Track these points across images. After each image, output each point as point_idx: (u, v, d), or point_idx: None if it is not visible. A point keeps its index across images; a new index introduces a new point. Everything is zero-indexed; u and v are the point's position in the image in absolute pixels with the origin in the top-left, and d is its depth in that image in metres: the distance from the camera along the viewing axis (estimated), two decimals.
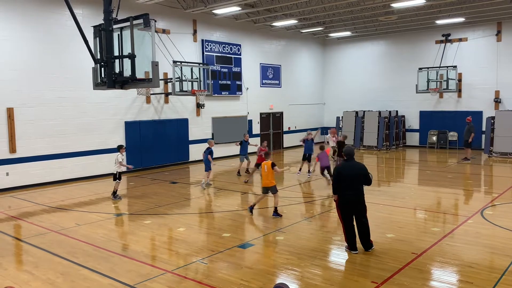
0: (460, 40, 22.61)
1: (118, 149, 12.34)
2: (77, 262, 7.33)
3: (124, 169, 12.46)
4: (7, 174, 13.69)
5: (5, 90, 13.52)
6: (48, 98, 14.52)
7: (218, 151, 20.48)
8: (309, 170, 15.37)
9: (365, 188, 7.64)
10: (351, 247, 7.52)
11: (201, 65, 17.63)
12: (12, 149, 13.73)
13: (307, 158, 15.60)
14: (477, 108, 22.20)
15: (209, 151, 13.90)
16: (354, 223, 7.56)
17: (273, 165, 9.78)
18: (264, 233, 8.80)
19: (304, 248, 7.80)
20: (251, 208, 10.25)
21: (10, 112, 13.64)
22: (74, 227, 9.48)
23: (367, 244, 7.53)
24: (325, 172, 13.69)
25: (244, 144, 16.01)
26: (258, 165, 14.19)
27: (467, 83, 22.47)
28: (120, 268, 7.01)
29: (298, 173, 15.60)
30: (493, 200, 11.36)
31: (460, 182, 14.34)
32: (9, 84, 13.59)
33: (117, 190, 12.27)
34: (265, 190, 10.11)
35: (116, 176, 12.17)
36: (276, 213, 9.92)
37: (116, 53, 7.89)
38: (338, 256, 7.48)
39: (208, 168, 13.83)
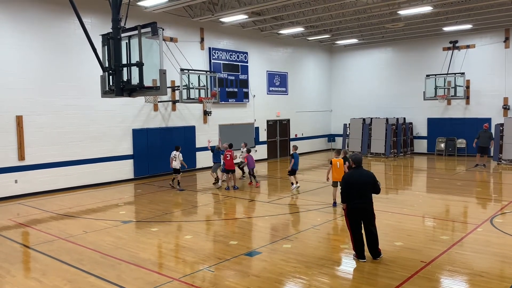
0: (467, 47, 22.53)
1: (177, 149, 14.73)
2: (85, 269, 7.34)
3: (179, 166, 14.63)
4: (16, 181, 13.79)
5: (15, 98, 13.66)
6: (57, 106, 14.65)
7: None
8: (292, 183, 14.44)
9: (373, 196, 7.59)
10: (359, 255, 7.46)
11: (208, 72, 17.71)
12: (21, 157, 13.85)
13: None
14: (486, 115, 22.05)
15: (222, 152, 15.06)
16: (362, 231, 7.50)
17: (345, 161, 11.17)
18: (272, 241, 8.76)
19: (312, 256, 7.75)
20: (335, 204, 11.42)
21: (19, 120, 13.77)
22: (81, 235, 9.51)
23: (375, 253, 7.47)
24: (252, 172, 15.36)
25: (217, 153, 15.67)
26: (227, 171, 14.65)
27: (475, 90, 22.34)
28: (127, 275, 7.01)
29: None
30: (503, 208, 11.24)
31: (469, 189, 14.21)
32: (18, 92, 13.73)
33: (179, 181, 14.78)
34: (336, 184, 11.28)
35: (179, 171, 14.64)
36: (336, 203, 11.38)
37: (124, 61, 7.97)
38: (346, 264, 7.43)
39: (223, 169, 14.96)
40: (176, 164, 14.55)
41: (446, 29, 21.45)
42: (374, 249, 7.46)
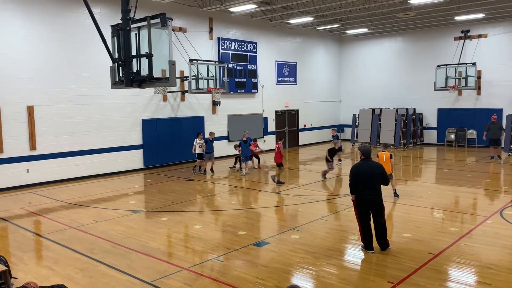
0: (479, 36, 22.21)
1: (198, 135, 15.75)
2: (96, 258, 7.45)
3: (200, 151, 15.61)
4: (28, 170, 13.98)
5: (26, 89, 13.79)
6: (67, 96, 14.76)
7: (233, 149, 20.57)
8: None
9: (382, 187, 7.58)
10: (367, 246, 7.48)
11: (217, 63, 17.69)
12: (32, 146, 14.01)
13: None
14: (497, 106, 21.79)
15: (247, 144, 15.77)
16: (371, 222, 7.51)
17: (391, 156, 11.35)
18: (280, 232, 8.81)
19: (320, 247, 7.79)
20: (396, 194, 11.48)
21: (30, 110, 13.91)
22: (92, 224, 9.64)
23: (384, 244, 7.48)
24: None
25: (209, 144, 15.95)
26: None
27: (487, 80, 22.06)
28: (137, 264, 7.11)
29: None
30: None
31: (479, 181, 14.10)
32: (29, 82, 13.85)
33: (200, 166, 15.89)
34: None
35: (202, 157, 15.65)
36: (396, 194, 11.46)
37: (133, 52, 7.97)
38: (354, 255, 7.45)
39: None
40: (198, 150, 15.56)
41: (458, 18, 21.13)
42: (382, 240, 7.48)
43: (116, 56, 8.15)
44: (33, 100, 13.98)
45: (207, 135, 19.29)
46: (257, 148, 16.90)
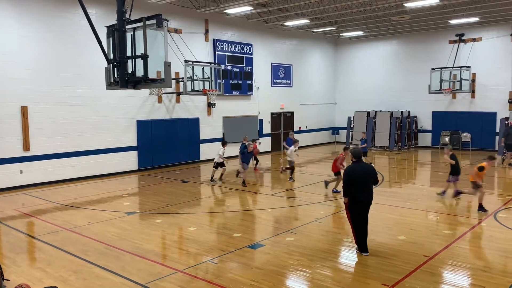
0: (474, 40, 22.35)
1: (223, 144, 14.99)
2: (89, 260, 7.40)
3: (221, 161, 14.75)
4: (21, 171, 13.88)
5: (19, 89, 13.70)
6: (62, 97, 14.68)
7: (229, 150, 20.55)
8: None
9: (375, 189, 7.60)
10: (361, 248, 7.49)
11: (212, 64, 17.67)
12: (26, 147, 13.91)
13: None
14: (491, 109, 21.93)
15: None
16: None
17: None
18: (275, 234, 8.80)
19: (315, 249, 7.78)
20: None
21: (24, 111, 13.82)
22: (86, 225, 9.58)
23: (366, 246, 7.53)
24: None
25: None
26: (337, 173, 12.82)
27: (481, 84, 22.19)
28: (131, 266, 7.07)
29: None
30: (507, 202, 11.22)
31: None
32: (23, 82, 13.76)
33: (213, 176, 14.83)
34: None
35: (218, 165, 14.73)
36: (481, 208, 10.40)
37: (129, 53, 7.95)
38: (349, 258, 7.45)
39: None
40: (217, 158, 14.75)
41: (453, 22, 21.26)
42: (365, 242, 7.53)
43: (111, 57, 8.13)
44: (27, 101, 13.89)
45: (202, 137, 19.31)
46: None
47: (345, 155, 12.57)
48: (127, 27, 7.94)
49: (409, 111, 24.46)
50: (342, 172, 11.65)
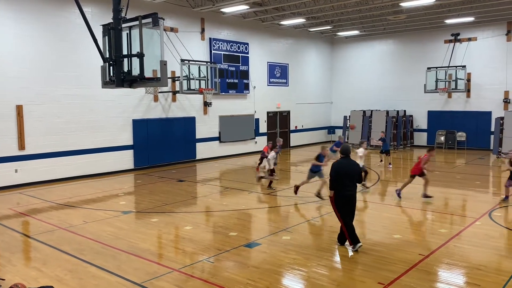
0: (469, 39, 22.43)
1: (272, 148, 13.91)
2: (85, 259, 7.38)
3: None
4: (16, 170, 13.81)
5: (14, 88, 13.63)
6: (57, 96, 14.62)
7: (225, 149, 20.57)
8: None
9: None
10: (353, 240, 7.55)
11: (208, 63, 17.65)
12: (21, 146, 13.85)
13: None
14: (486, 109, 22.03)
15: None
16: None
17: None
18: (271, 233, 8.80)
19: (311, 248, 7.79)
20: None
21: (19, 109, 13.75)
22: (82, 225, 9.55)
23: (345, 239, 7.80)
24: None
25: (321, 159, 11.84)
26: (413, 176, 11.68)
27: (476, 83, 22.29)
28: (127, 266, 7.05)
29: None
30: (502, 201, 11.26)
31: (468, 183, 14.23)
32: (18, 81, 13.69)
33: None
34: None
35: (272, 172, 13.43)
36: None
37: (124, 52, 7.93)
38: (345, 256, 7.47)
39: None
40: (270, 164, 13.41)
41: (448, 21, 21.33)
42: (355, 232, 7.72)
43: (107, 56, 8.11)
44: (22, 99, 13.82)
45: (198, 136, 19.28)
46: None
47: (430, 156, 11.69)
48: (123, 25, 7.92)
49: (404, 111, 24.53)
50: (425, 173, 11.49)
